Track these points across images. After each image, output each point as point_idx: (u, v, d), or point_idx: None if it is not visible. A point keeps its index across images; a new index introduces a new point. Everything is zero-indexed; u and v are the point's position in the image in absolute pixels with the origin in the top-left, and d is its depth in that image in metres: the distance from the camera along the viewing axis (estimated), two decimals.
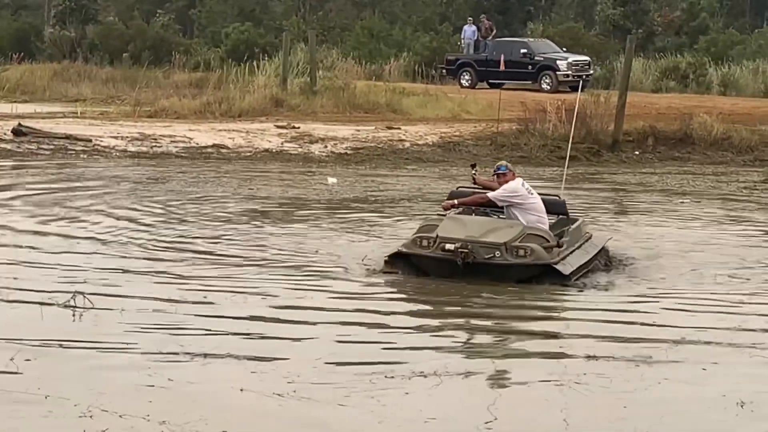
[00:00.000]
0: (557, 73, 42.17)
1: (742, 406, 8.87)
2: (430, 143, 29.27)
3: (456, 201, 14.61)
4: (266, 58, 41.03)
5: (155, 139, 28.30)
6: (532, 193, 14.33)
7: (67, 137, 27.54)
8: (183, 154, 27.22)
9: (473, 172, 15.08)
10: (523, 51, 43.52)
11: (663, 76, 48.38)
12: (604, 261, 15.11)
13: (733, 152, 29.31)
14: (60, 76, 44.86)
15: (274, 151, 28.00)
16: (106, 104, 37.10)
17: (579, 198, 21.57)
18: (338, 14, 65.14)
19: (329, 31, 56.49)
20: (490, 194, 14.34)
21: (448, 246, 13.29)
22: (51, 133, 27.76)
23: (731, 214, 20.66)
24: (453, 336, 11.37)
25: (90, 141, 27.54)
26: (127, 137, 28.19)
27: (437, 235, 13.47)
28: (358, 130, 30.18)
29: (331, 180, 23.70)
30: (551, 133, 29.20)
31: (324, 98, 35.23)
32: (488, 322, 11.88)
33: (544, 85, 41.61)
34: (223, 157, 27.23)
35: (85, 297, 11.65)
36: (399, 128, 30.79)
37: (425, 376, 9.51)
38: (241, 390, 8.96)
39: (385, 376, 9.47)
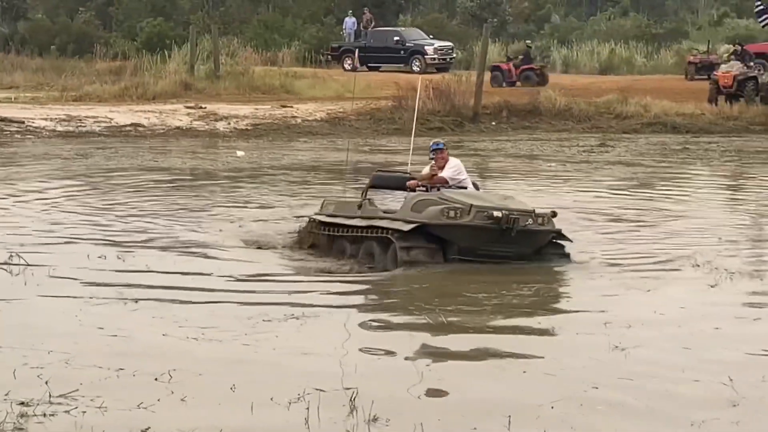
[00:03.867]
0: (425, 57, 42.19)
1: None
2: (319, 119, 29.23)
3: (418, 181, 12.44)
4: (176, 48, 40.44)
5: (80, 120, 27.92)
6: None
7: (2, 120, 27.02)
8: (105, 133, 26.89)
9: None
10: (396, 39, 43.48)
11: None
12: None
13: (574, 121, 29.67)
14: None
15: (184, 128, 27.77)
16: (37, 90, 36.18)
17: None
18: (238, 9, 64.51)
19: (230, 24, 55.80)
20: (444, 174, 12.36)
21: (496, 213, 11.10)
22: None
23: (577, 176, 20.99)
24: (325, 287, 11.27)
25: (23, 123, 27.08)
26: (55, 119, 27.80)
27: (471, 204, 11.30)
28: (257, 109, 30.03)
29: (240, 153, 23.58)
30: (422, 107, 29.25)
31: (226, 82, 34.92)
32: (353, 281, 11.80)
33: (415, 68, 41.47)
34: (140, 134, 26.92)
35: (20, 257, 11.50)
36: (292, 107, 30.73)
37: (297, 318, 9.52)
38: (164, 335, 8.90)
39: (263, 320, 9.45)
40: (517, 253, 11.45)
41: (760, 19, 30.94)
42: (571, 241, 12.09)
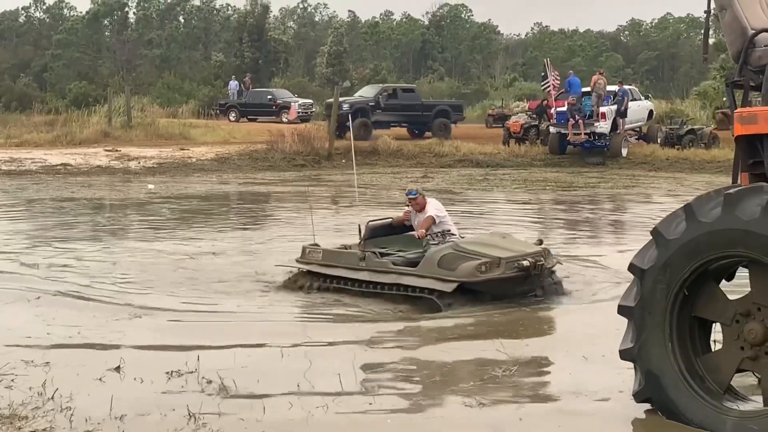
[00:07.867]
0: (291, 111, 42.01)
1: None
2: (210, 159, 28.72)
3: (424, 230, 10.24)
4: (97, 105, 39.36)
5: (21, 161, 27.04)
6: None
7: None
8: (40, 171, 26.01)
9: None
10: (269, 97, 43.20)
11: None
12: None
13: (404, 159, 29.78)
14: None
15: (104, 167, 26.96)
16: None
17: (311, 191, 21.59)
18: (146, 74, 63.72)
19: (140, 86, 54.78)
20: (430, 213, 10.45)
21: (525, 263, 9.49)
22: None
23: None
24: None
25: None
26: (1, 160, 26.75)
27: (500, 258, 9.53)
28: (161, 151, 29.39)
29: (150, 186, 22.93)
30: (289, 149, 29.10)
31: (137, 130, 34.02)
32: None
33: (284, 119, 41.25)
34: (68, 172, 26.04)
35: None
36: (188, 149, 30.11)
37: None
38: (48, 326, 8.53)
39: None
40: (535, 288, 9.89)
41: (543, 83, 31.50)
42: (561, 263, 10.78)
